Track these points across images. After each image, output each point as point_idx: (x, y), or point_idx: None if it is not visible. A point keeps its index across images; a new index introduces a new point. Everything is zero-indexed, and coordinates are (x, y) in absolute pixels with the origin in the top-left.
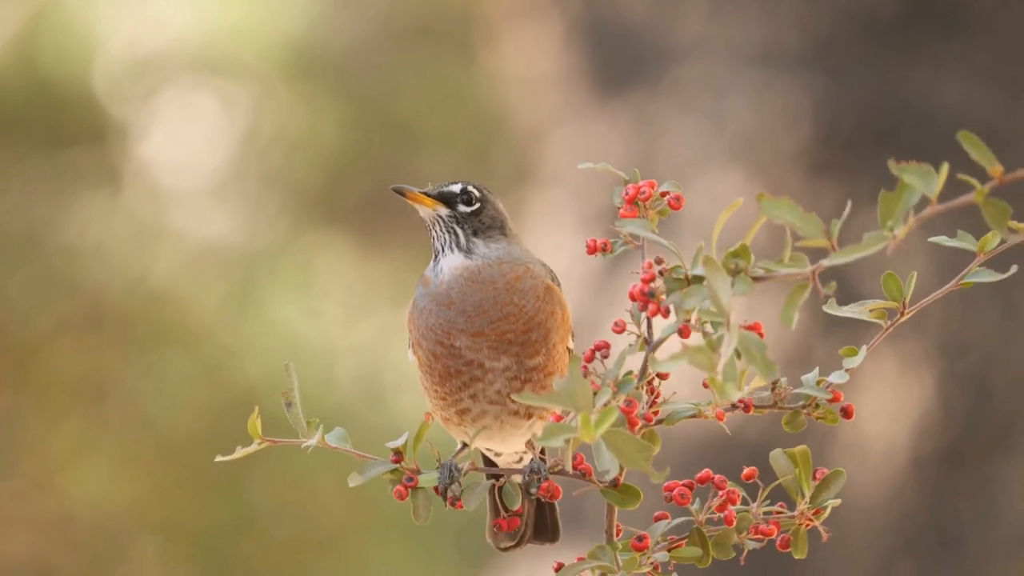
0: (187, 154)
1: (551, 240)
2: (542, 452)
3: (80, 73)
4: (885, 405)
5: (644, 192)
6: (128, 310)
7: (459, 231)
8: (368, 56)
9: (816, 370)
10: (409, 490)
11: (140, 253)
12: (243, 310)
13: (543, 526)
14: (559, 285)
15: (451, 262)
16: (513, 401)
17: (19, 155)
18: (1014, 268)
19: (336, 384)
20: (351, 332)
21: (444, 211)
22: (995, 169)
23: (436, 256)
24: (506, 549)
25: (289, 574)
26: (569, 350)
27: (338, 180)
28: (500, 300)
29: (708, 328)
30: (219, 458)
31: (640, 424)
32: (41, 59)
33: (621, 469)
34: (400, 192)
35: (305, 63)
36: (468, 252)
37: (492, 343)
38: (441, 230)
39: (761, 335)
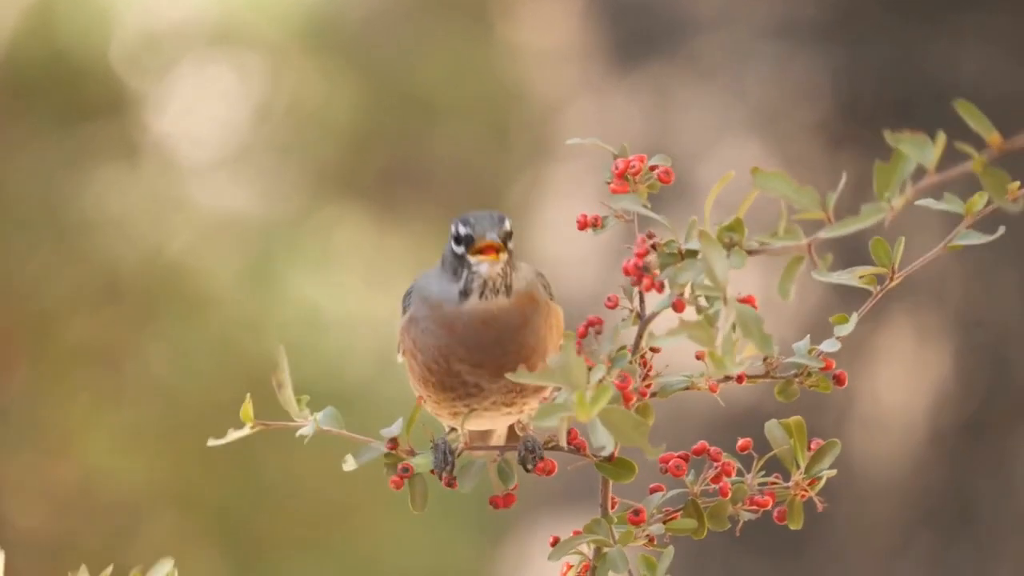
0: (204, 127)
1: (569, 215)
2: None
3: (97, 46)
4: (903, 378)
5: (634, 166)
6: (145, 283)
7: (508, 271)
8: (385, 28)
9: (807, 338)
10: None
11: (157, 226)
12: (261, 283)
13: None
14: (549, 286)
15: (488, 303)
16: (507, 407)
17: (36, 128)
18: (1002, 229)
19: (356, 357)
20: (370, 305)
21: (505, 257)
22: (993, 137)
23: (473, 293)
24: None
25: (305, 548)
26: None
27: (355, 153)
28: (504, 343)
29: (702, 302)
30: (211, 442)
31: (634, 399)
32: (58, 32)
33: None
34: (480, 250)
35: (322, 35)
36: (508, 292)
37: (491, 371)
38: (498, 275)
39: (755, 307)
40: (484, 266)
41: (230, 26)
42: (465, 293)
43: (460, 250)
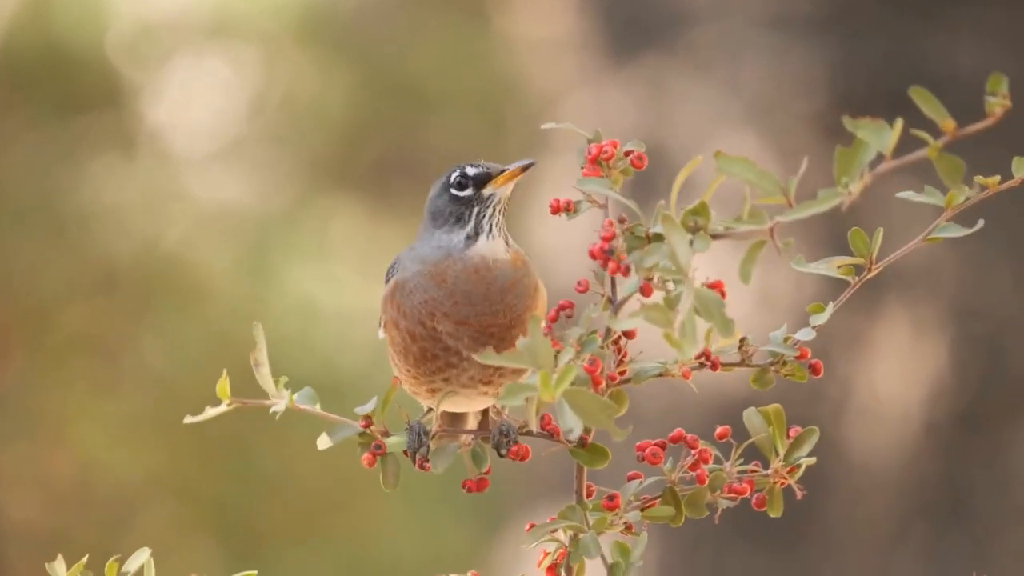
0: (200, 118)
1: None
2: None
3: (93, 37)
4: (899, 370)
5: (607, 151)
6: (141, 274)
7: (502, 216)
8: (380, 19)
9: (784, 327)
10: (378, 457)
11: (153, 217)
12: (256, 274)
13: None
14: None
15: (492, 246)
16: (484, 385)
17: (32, 119)
18: (980, 223)
19: (351, 348)
20: (365, 296)
21: (509, 191)
22: (947, 123)
23: (474, 234)
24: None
25: (301, 538)
26: None
27: (350, 144)
28: (492, 297)
29: (671, 286)
30: (188, 419)
31: (603, 383)
32: (54, 23)
33: (589, 429)
34: (502, 171)
35: (317, 26)
36: (507, 243)
37: (474, 334)
38: (500, 211)
39: (723, 294)
40: (500, 190)
41: (225, 18)
42: (475, 233)
43: (468, 193)
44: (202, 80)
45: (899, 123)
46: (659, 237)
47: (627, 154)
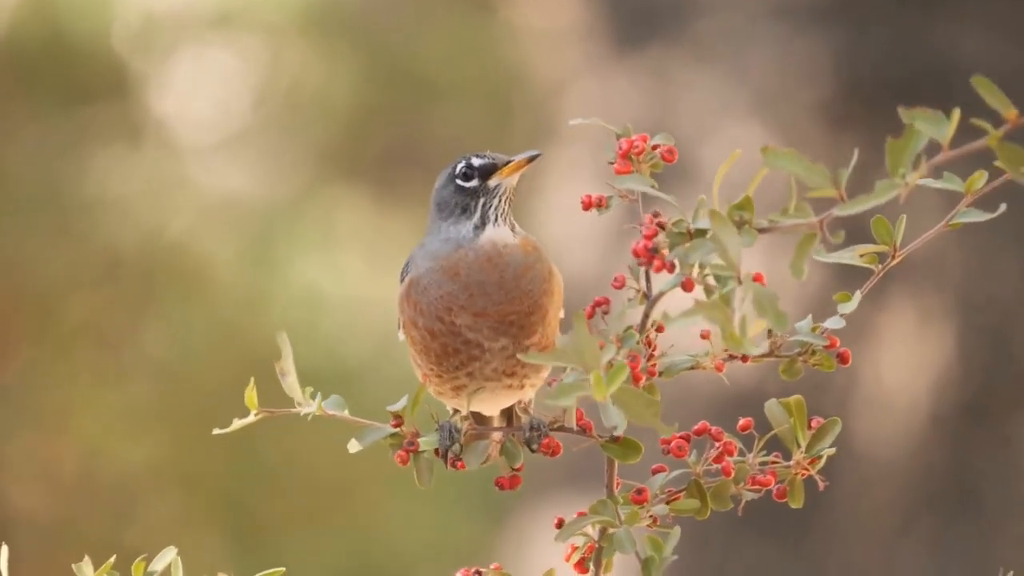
0: (205, 108)
1: (571, 196)
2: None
3: (99, 27)
4: (905, 360)
5: (637, 146)
6: (146, 264)
7: (509, 206)
8: (385, 8)
9: (810, 317)
10: (411, 455)
11: (158, 207)
12: (261, 264)
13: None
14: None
15: (500, 233)
16: (508, 377)
17: (38, 110)
18: (1003, 207)
19: (356, 338)
20: (370, 286)
21: (515, 181)
22: (1010, 112)
23: (480, 225)
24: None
25: (306, 528)
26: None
27: (356, 134)
28: (507, 285)
29: (710, 281)
30: (216, 431)
31: (643, 378)
32: (59, 13)
33: None
34: (508, 162)
35: (322, 16)
36: (513, 227)
37: (493, 324)
38: (505, 201)
39: (764, 286)
40: (506, 180)
41: (231, 8)
42: (482, 223)
43: (474, 184)
44: (207, 70)
45: (955, 113)
46: (700, 232)
47: (655, 148)
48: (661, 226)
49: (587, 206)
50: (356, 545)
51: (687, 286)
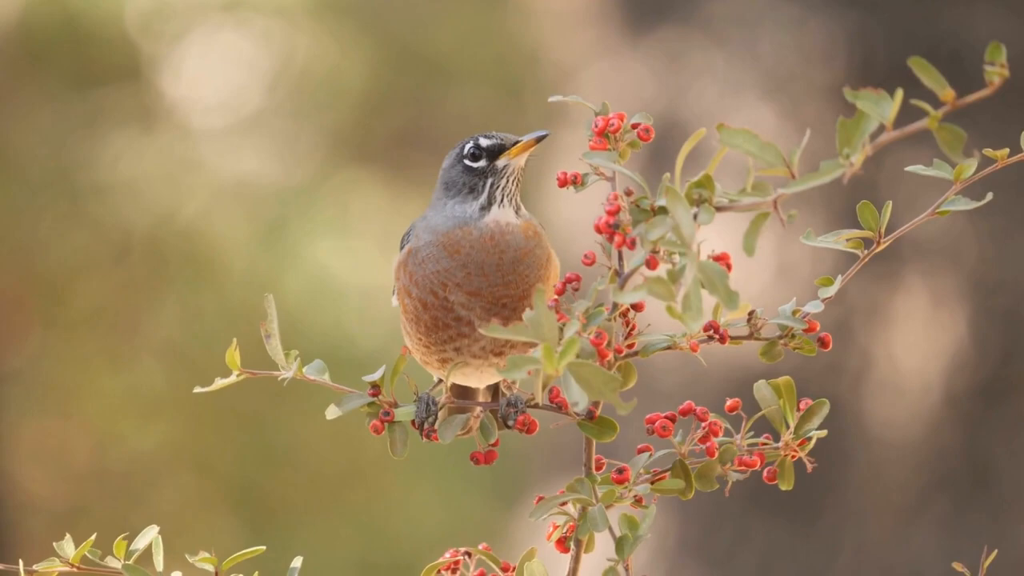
0: (218, 91)
1: None
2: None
3: (112, 10)
4: (919, 342)
5: (613, 124)
6: (159, 248)
7: (516, 187)
8: None
9: (793, 300)
10: (386, 424)
11: (171, 191)
12: (274, 248)
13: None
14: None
15: (505, 214)
16: (495, 356)
17: (51, 92)
18: (990, 196)
19: (369, 322)
20: (383, 269)
21: (523, 162)
22: (947, 94)
23: (487, 205)
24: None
25: (318, 512)
26: None
27: (369, 117)
28: (505, 267)
29: (677, 259)
30: (197, 389)
31: (610, 356)
32: None
33: (597, 402)
34: (516, 142)
35: None
36: (518, 209)
37: (486, 304)
38: (513, 182)
39: (729, 266)
40: (514, 161)
41: None
42: (488, 203)
43: (481, 164)
44: (220, 54)
45: (899, 93)
46: (664, 210)
47: (634, 127)
48: (631, 204)
49: (562, 183)
50: (368, 529)
51: (651, 264)
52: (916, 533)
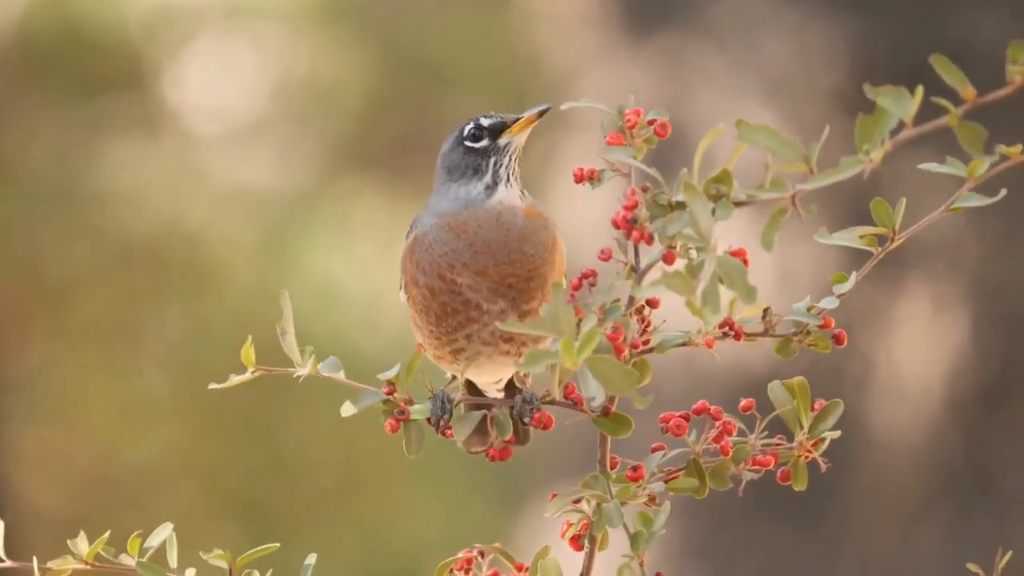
0: (221, 99)
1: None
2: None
3: (114, 17)
4: (921, 346)
5: (630, 120)
6: (162, 255)
7: (518, 164)
8: None
9: (808, 297)
10: (401, 423)
11: (174, 198)
12: (277, 255)
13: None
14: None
15: (510, 194)
16: (505, 343)
17: (53, 100)
18: (1003, 192)
19: (372, 329)
20: (386, 276)
21: (523, 140)
22: (968, 92)
23: (492, 184)
24: (476, 453)
25: (322, 518)
26: None
27: (371, 124)
28: (511, 246)
29: (693, 254)
30: (212, 386)
31: (626, 351)
32: (75, 3)
33: (612, 398)
34: (517, 118)
35: (337, 6)
36: (522, 191)
37: (492, 285)
38: (515, 160)
39: (746, 262)
40: (516, 138)
41: None
42: (494, 183)
43: (484, 144)
44: (223, 60)
45: (919, 90)
46: (681, 205)
47: (650, 123)
48: (648, 199)
49: (579, 179)
50: (371, 535)
51: (668, 259)
52: (919, 538)
